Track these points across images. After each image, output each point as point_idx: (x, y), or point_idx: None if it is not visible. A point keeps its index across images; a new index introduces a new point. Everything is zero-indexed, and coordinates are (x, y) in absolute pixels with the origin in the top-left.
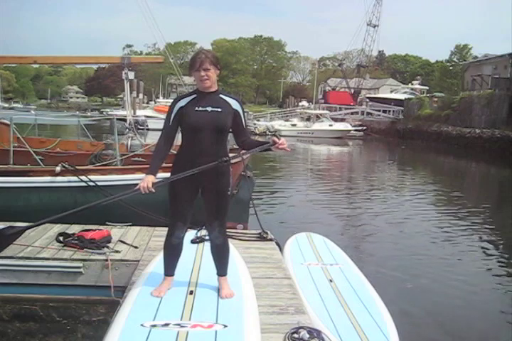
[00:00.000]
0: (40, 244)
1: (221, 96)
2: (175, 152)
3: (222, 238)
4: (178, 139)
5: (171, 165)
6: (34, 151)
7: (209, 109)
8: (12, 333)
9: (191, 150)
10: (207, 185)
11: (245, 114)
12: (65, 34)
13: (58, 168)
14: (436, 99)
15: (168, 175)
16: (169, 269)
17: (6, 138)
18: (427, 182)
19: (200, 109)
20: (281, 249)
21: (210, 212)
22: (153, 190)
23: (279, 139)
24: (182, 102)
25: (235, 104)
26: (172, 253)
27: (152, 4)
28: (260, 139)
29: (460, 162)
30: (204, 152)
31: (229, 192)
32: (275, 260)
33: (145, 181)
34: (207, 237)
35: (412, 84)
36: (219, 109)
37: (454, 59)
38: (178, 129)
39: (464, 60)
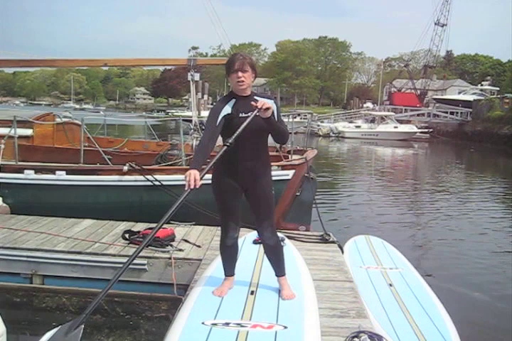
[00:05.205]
0: (107, 240)
1: (256, 98)
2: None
3: (274, 238)
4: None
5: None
6: (103, 151)
7: (251, 114)
8: None
9: (234, 156)
10: (248, 189)
11: (279, 109)
12: (134, 34)
13: (126, 168)
14: (507, 100)
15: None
16: (228, 270)
17: (78, 137)
18: (496, 188)
19: (244, 115)
20: (343, 252)
21: (258, 214)
22: (199, 183)
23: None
24: (227, 108)
25: (271, 104)
26: (229, 254)
27: (217, 5)
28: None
29: None
30: (247, 156)
31: (272, 192)
32: (337, 262)
33: (192, 175)
34: None
35: (482, 85)
36: (259, 113)
37: None
38: (220, 131)
39: None
